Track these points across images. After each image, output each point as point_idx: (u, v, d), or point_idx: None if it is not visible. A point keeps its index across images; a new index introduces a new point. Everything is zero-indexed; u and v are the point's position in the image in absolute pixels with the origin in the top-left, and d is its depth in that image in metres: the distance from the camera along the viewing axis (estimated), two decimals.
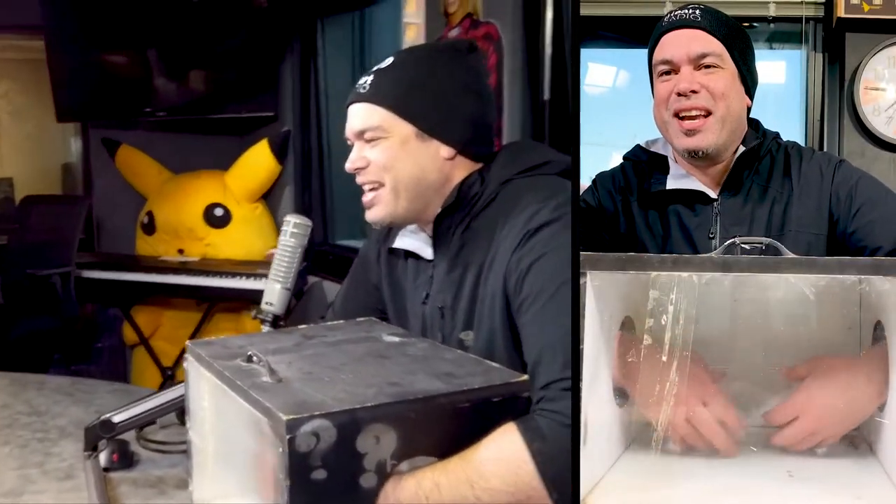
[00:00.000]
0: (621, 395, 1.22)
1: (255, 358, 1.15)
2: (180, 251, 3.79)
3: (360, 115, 1.38)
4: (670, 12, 1.55)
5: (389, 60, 1.41)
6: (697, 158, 1.51)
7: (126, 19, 3.75)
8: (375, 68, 1.41)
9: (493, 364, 1.19)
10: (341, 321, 1.45)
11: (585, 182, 1.70)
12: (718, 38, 1.49)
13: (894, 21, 2.39)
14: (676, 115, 1.49)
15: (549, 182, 1.34)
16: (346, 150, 1.45)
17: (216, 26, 3.78)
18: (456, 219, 1.37)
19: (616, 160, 1.67)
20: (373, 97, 1.37)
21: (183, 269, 3.60)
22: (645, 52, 1.58)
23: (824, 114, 2.52)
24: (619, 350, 1.19)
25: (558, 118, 2.60)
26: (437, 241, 1.40)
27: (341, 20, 3.86)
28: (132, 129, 4.01)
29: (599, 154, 2.40)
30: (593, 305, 1.10)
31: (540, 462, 1.03)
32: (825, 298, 1.11)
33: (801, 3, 2.54)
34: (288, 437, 0.97)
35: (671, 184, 1.55)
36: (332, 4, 3.78)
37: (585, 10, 2.52)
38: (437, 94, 1.37)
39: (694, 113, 1.48)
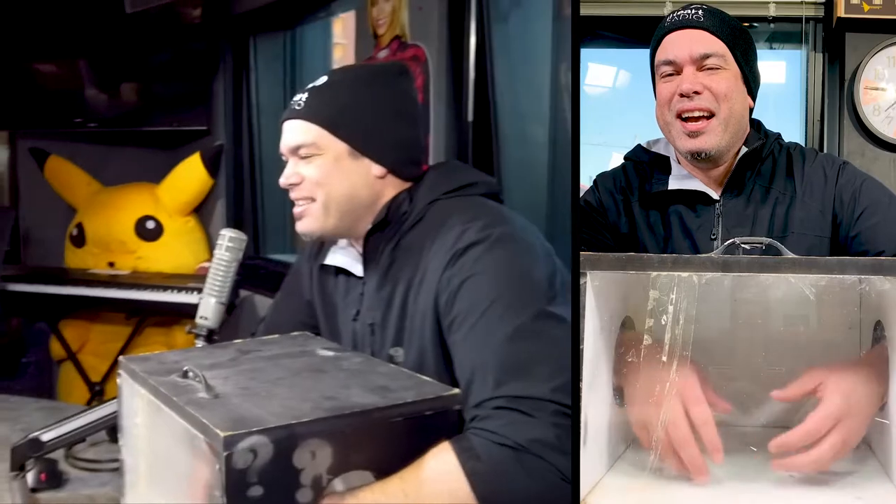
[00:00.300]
0: (621, 394, 1.22)
1: (191, 373, 1.13)
2: (111, 264, 3.69)
3: (295, 132, 1.40)
4: (672, 12, 1.54)
5: (324, 79, 1.43)
6: (700, 160, 1.49)
7: (57, 29, 3.66)
8: (310, 86, 1.43)
9: (426, 378, 1.20)
10: (276, 336, 1.44)
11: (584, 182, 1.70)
12: (721, 39, 1.48)
13: (894, 21, 2.40)
14: (679, 116, 1.48)
15: (475, 202, 1.37)
16: (278, 164, 1.45)
17: (149, 38, 3.72)
18: (385, 236, 1.39)
19: (616, 160, 1.66)
20: (307, 115, 1.39)
21: (113, 282, 3.50)
22: (645, 51, 1.57)
23: (824, 114, 2.52)
24: (619, 350, 1.19)
25: (482, 138, 2.65)
26: (367, 258, 1.42)
27: (273, 38, 3.84)
28: (62, 140, 3.91)
29: (599, 154, 2.42)
30: (593, 305, 1.10)
31: (475, 482, 1.05)
32: (825, 298, 1.10)
33: (801, 3, 2.54)
34: (225, 453, 0.96)
35: (673, 184, 1.54)
36: (263, 22, 3.76)
37: (585, 10, 2.51)
38: (369, 114, 1.39)
39: (697, 114, 1.46)
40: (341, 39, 3.79)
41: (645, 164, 1.59)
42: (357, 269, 1.44)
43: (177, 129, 3.80)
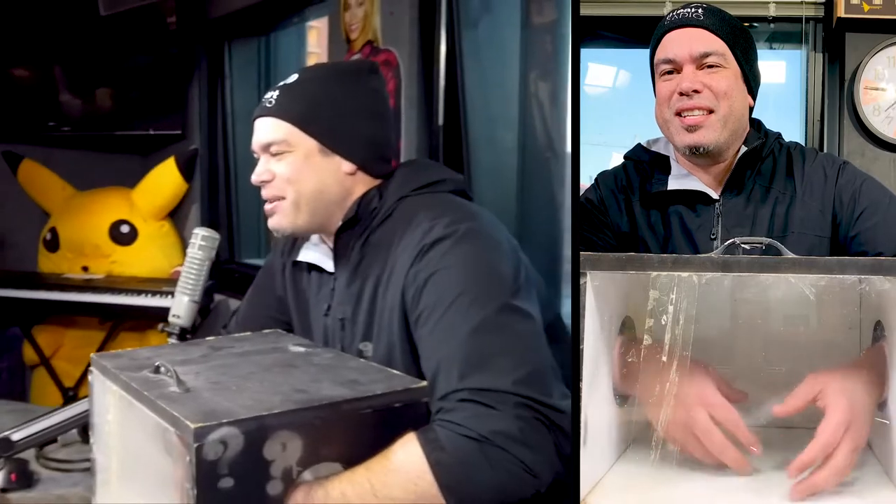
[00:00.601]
0: (623, 396, 1.21)
1: (162, 368, 1.13)
2: (85, 268, 3.66)
3: (266, 129, 1.40)
4: (672, 11, 1.52)
5: (294, 77, 1.43)
6: (698, 156, 1.47)
7: (31, 33, 3.62)
8: (281, 84, 1.43)
9: (395, 372, 1.21)
10: (248, 333, 1.45)
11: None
12: (721, 38, 1.46)
13: (894, 21, 2.37)
14: (678, 113, 1.46)
15: (442, 199, 1.38)
16: (253, 169, 1.45)
17: (124, 43, 3.69)
18: (355, 233, 1.40)
19: (616, 160, 1.64)
20: (278, 112, 1.39)
21: (88, 286, 3.46)
22: (645, 51, 1.55)
23: (824, 114, 2.49)
24: (619, 350, 1.18)
25: (452, 143, 2.66)
26: (338, 254, 1.42)
27: (248, 43, 3.83)
28: (35, 144, 3.87)
29: (599, 154, 2.41)
30: (593, 305, 1.09)
31: (439, 472, 1.05)
32: (825, 298, 1.08)
33: (801, 3, 2.52)
34: (195, 445, 0.96)
35: (672, 184, 1.52)
36: (238, 28, 3.75)
37: (585, 10, 2.49)
38: (339, 111, 1.40)
39: (696, 113, 1.45)
40: (315, 48, 3.80)
41: (645, 164, 1.58)
42: (328, 264, 1.45)
43: (151, 133, 3.78)
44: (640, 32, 2.35)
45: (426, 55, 2.70)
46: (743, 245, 1.17)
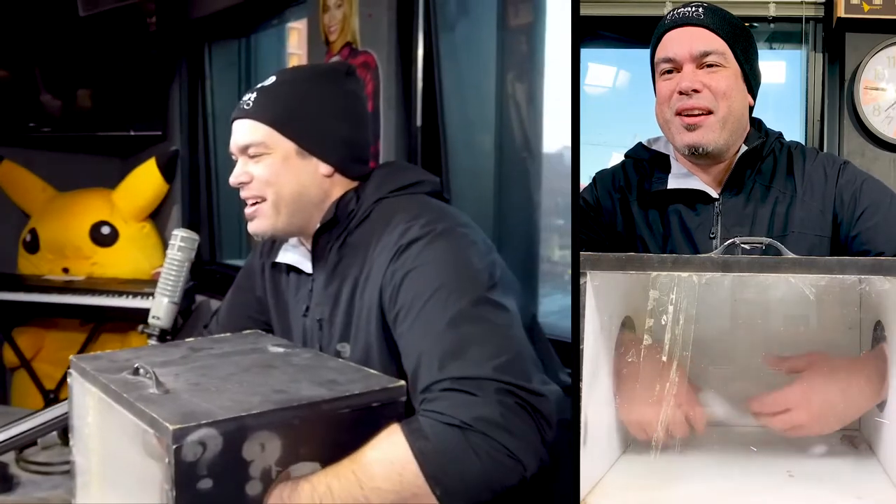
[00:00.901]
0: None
1: (141, 370, 1.13)
2: (65, 270, 3.63)
3: (244, 131, 1.40)
4: (673, 10, 1.50)
5: (272, 79, 1.43)
6: (698, 156, 1.46)
7: (11, 34, 3.59)
8: (259, 86, 1.43)
9: (373, 371, 1.22)
10: (228, 334, 1.44)
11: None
12: (721, 37, 1.44)
13: (894, 21, 2.35)
14: (678, 113, 1.44)
15: (419, 201, 1.38)
16: (233, 170, 1.45)
17: (104, 44, 3.66)
18: (333, 234, 1.40)
19: (616, 160, 1.62)
20: (256, 114, 1.39)
21: (68, 287, 3.44)
22: (645, 51, 1.54)
23: (824, 114, 2.47)
24: (619, 350, 1.18)
25: (430, 143, 2.66)
26: (316, 255, 1.43)
27: (228, 45, 3.82)
28: (15, 146, 3.83)
29: (599, 154, 2.40)
30: (593, 305, 1.09)
31: (423, 462, 1.05)
32: (825, 298, 1.08)
33: (801, 3, 2.49)
34: (174, 446, 0.96)
35: (672, 183, 1.51)
36: (218, 29, 3.74)
37: (585, 10, 2.46)
38: (316, 113, 1.40)
39: (696, 112, 1.43)
40: (294, 50, 3.79)
41: (645, 163, 1.56)
42: (306, 266, 1.45)
43: (132, 134, 3.75)
44: (640, 32, 2.32)
45: (404, 57, 2.70)
46: (743, 245, 1.16)
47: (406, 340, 1.22)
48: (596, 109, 2.74)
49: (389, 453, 1.07)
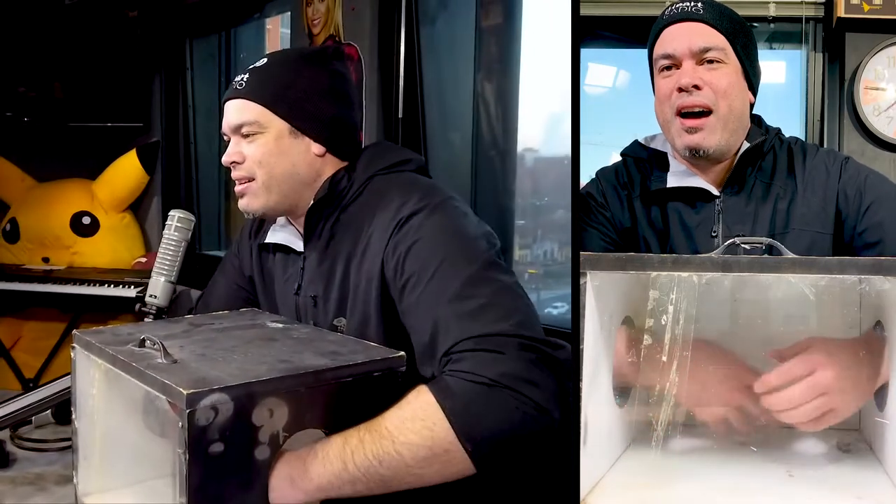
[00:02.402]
0: (622, 394, 1.20)
1: (148, 342, 1.14)
2: (45, 259, 3.60)
3: (237, 111, 1.40)
4: (671, 4, 1.46)
5: (264, 60, 1.44)
6: (699, 158, 1.42)
7: None
8: (251, 67, 1.43)
9: (372, 343, 1.23)
10: (225, 311, 1.45)
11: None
12: (721, 32, 1.40)
13: (894, 21, 2.34)
14: (678, 113, 1.40)
15: (410, 178, 1.41)
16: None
17: (85, 34, 3.63)
18: (325, 212, 1.41)
19: (615, 160, 1.59)
20: (249, 94, 1.39)
21: (48, 277, 3.41)
22: (645, 51, 1.50)
23: (824, 114, 2.46)
24: (622, 347, 1.16)
25: (410, 134, 2.70)
26: (308, 233, 1.43)
27: (209, 38, 3.80)
28: None
29: (599, 154, 2.39)
30: (593, 305, 1.07)
31: (452, 418, 1.06)
32: (825, 298, 1.05)
33: (801, 3, 2.48)
34: (188, 410, 0.97)
35: (672, 181, 1.47)
36: (199, 21, 3.73)
37: (585, 10, 2.45)
38: (307, 93, 1.40)
39: (696, 110, 1.39)
40: (276, 42, 3.80)
41: (644, 161, 1.52)
42: (297, 244, 1.46)
43: (112, 125, 3.73)
44: (640, 32, 2.31)
45: (386, 50, 2.72)
46: (743, 245, 1.14)
47: (416, 310, 1.23)
48: (596, 109, 2.75)
49: (419, 411, 1.08)
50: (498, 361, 1.09)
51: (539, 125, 2.74)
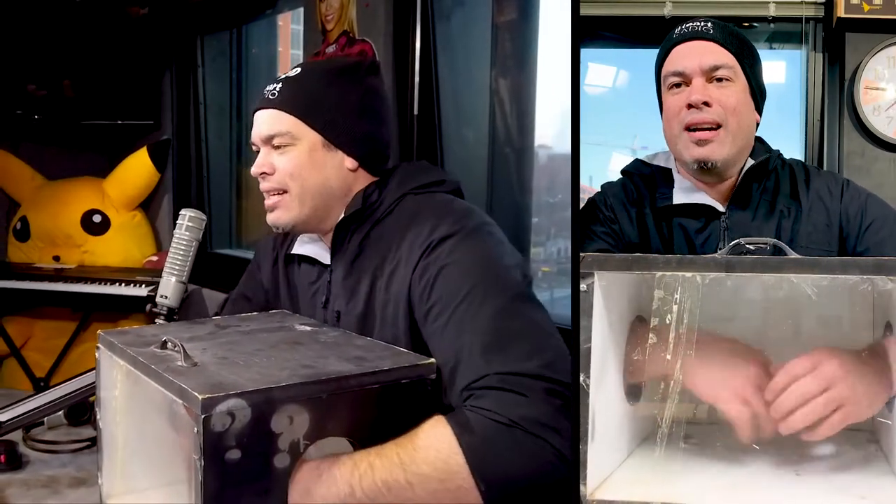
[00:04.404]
0: (632, 393, 1.19)
1: (169, 344, 1.12)
2: (56, 258, 3.58)
3: (269, 121, 1.37)
4: (681, 25, 1.48)
5: (297, 70, 1.40)
6: (706, 172, 1.44)
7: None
8: (284, 76, 1.40)
9: (402, 349, 1.20)
10: (254, 313, 1.43)
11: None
12: (730, 51, 1.43)
13: (894, 21, 2.33)
14: (687, 127, 1.43)
15: (444, 199, 1.37)
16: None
17: (96, 31, 3.62)
18: (355, 227, 1.37)
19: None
20: (282, 104, 1.36)
21: (59, 276, 3.39)
22: (645, 51, 1.50)
23: (824, 114, 2.44)
24: (631, 346, 1.16)
25: (426, 132, 2.66)
26: (336, 247, 1.40)
27: (220, 35, 3.78)
28: (3, 134, 3.77)
29: (599, 154, 2.39)
30: (601, 305, 1.07)
31: (470, 455, 1.03)
32: (828, 299, 1.05)
33: (801, 3, 2.47)
34: (203, 416, 0.95)
35: (678, 197, 1.49)
36: (210, 18, 3.70)
37: (585, 10, 2.42)
38: (342, 107, 1.37)
39: (705, 126, 1.42)
40: (289, 38, 3.78)
41: (648, 177, 1.54)
42: (325, 257, 1.42)
43: (123, 123, 3.71)
44: (640, 32, 2.30)
45: (401, 46, 2.69)
46: (748, 246, 1.14)
47: (441, 337, 1.19)
48: (596, 109, 2.73)
49: (436, 442, 1.05)
50: (521, 404, 1.06)
51: (553, 122, 2.71)
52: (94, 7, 3.59)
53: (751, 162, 1.47)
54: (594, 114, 2.68)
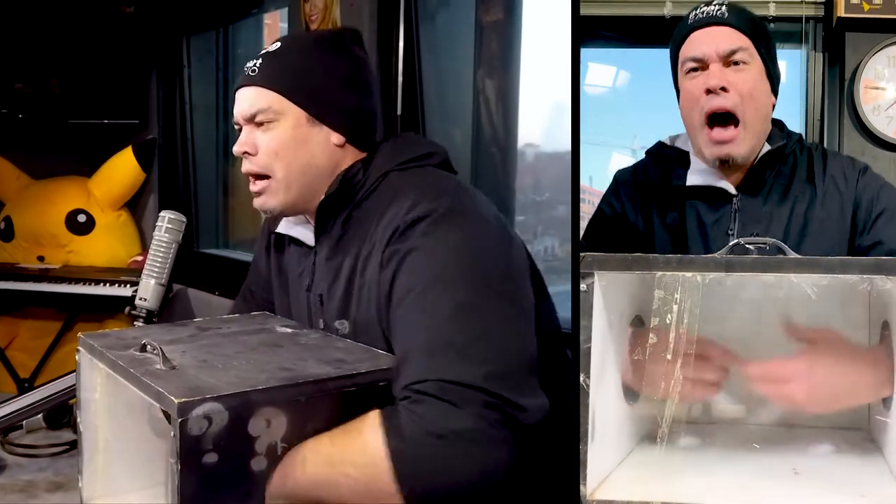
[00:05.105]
0: (631, 392, 1.18)
1: (149, 347, 1.11)
2: (41, 258, 3.56)
3: (250, 99, 1.31)
4: (695, 9, 1.49)
5: (277, 45, 1.35)
6: (728, 168, 1.45)
7: None
8: (264, 52, 1.35)
9: (381, 352, 1.19)
10: (236, 315, 1.41)
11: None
12: (746, 35, 1.44)
13: (894, 21, 2.33)
14: (707, 121, 1.43)
15: (427, 174, 1.31)
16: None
17: (81, 31, 3.60)
18: (338, 207, 1.33)
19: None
20: (263, 80, 1.30)
21: (44, 276, 3.38)
22: (645, 52, 1.50)
23: (824, 114, 2.44)
24: (631, 345, 1.16)
25: (410, 131, 2.63)
26: (319, 228, 1.36)
27: (206, 34, 3.77)
28: None
29: (599, 154, 2.39)
30: (601, 305, 1.07)
31: (395, 461, 1.02)
32: (828, 298, 1.05)
33: (801, 2, 2.46)
34: (179, 420, 0.95)
35: (691, 179, 1.49)
36: (197, 19, 3.69)
37: (585, 10, 2.40)
38: (325, 80, 1.31)
39: (723, 113, 1.42)
40: (273, 33, 3.76)
41: (666, 159, 1.55)
42: (310, 238, 1.38)
43: (109, 122, 3.69)
44: (640, 32, 2.30)
45: (385, 46, 2.68)
46: (748, 246, 1.14)
47: (400, 326, 1.16)
48: (596, 109, 2.73)
49: (365, 443, 1.04)
50: (454, 416, 1.03)
51: (540, 121, 2.72)
52: (81, 5, 3.57)
53: (766, 147, 1.47)
54: (594, 114, 2.67)
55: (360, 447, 1.04)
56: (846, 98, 2.39)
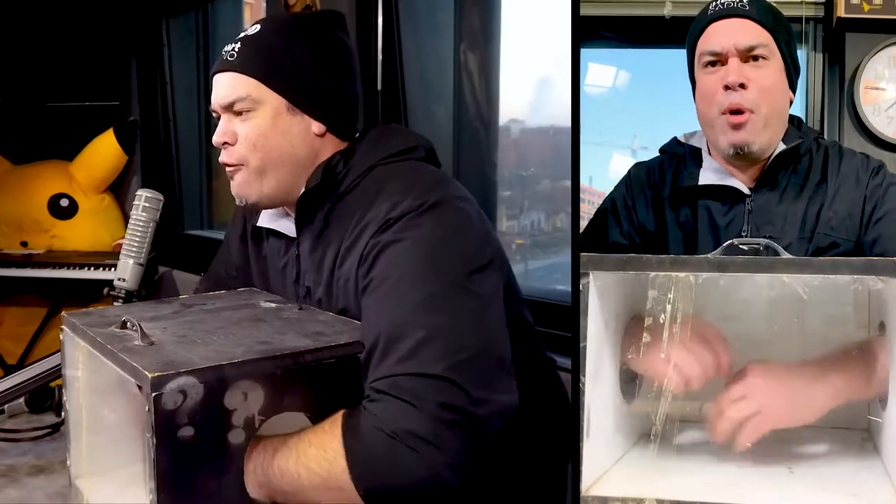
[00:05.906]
0: (628, 392, 1.19)
1: (129, 323, 1.11)
2: (24, 244, 3.55)
3: (228, 86, 1.27)
4: (714, 0, 1.43)
5: (257, 27, 1.30)
6: (741, 157, 1.40)
7: None
8: (242, 35, 1.30)
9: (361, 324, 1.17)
10: (222, 291, 1.40)
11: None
12: (766, 29, 1.40)
13: (894, 21, 2.30)
14: (723, 113, 1.39)
15: (411, 168, 1.29)
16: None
17: (61, 12, 3.56)
18: (320, 200, 1.30)
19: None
20: (240, 66, 1.26)
21: (27, 261, 3.37)
22: (645, 51, 1.45)
23: (824, 114, 2.41)
24: (626, 345, 1.16)
25: (390, 107, 2.65)
26: (301, 220, 1.33)
27: (186, 15, 3.74)
28: None
29: (599, 154, 2.38)
30: (596, 304, 1.07)
31: (350, 460, 1.03)
32: (820, 298, 1.04)
33: (801, 3, 2.43)
34: (154, 394, 0.95)
35: (704, 177, 1.45)
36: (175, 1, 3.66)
37: (585, 10, 2.36)
38: (306, 67, 1.28)
39: (742, 110, 1.38)
40: (254, 17, 3.73)
41: (678, 157, 1.51)
42: (292, 230, 1.35)
43: (90, 104, 3.66)
44: (640, 32, 2.29)
45: (364, 21, 2.66)
46: (741, 246, 1.14)
47: (370, 314, 1.14)
48: (596, 109, 2.73)
49: (325, 441, 1.04)
50: (410, 416, 1.03)
51: (523, 95, 2.71)
52: None
53: (782, 146, 1.43)
54: (594, 114, 2.68)
55: (321, 444, 1.05)
56: (846, 98, 2.37)
